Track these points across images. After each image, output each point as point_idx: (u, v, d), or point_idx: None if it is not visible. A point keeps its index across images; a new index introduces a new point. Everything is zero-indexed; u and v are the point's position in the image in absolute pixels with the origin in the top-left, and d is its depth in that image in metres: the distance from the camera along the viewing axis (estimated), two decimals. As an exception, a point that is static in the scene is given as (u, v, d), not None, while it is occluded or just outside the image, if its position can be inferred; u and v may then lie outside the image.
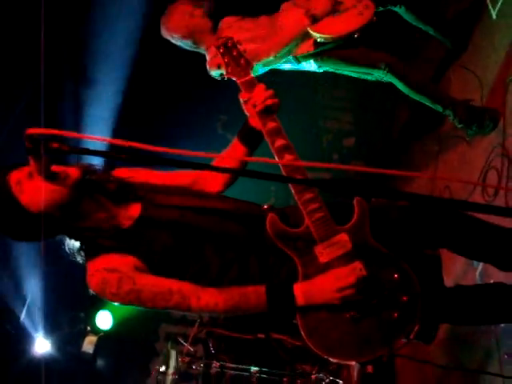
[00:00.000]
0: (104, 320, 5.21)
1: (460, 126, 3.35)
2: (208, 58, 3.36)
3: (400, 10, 3.52)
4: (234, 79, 2.13)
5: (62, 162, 1.86)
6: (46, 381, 4.41)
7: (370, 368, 3.64)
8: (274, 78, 3.22)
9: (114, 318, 5.24)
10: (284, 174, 1.96)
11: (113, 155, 1.52)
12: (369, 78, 3.45)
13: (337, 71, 3.48)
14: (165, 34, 3.42)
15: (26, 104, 4.37)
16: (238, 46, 2.16)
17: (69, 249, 2.02)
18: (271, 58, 3.28)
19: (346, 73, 3.48)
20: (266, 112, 2.04)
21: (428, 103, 3.39)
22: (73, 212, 1.89)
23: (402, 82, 3.34)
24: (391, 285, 1.88)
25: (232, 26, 3.40)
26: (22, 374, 4.89)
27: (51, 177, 1.80)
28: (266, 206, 2.01)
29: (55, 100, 4.50)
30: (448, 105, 3.34)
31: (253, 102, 2.05)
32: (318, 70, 3.49)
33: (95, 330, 5.21)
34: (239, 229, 2.02)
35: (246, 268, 1.98)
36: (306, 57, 3.36)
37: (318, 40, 3.27)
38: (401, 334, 1.86)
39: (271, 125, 2.03)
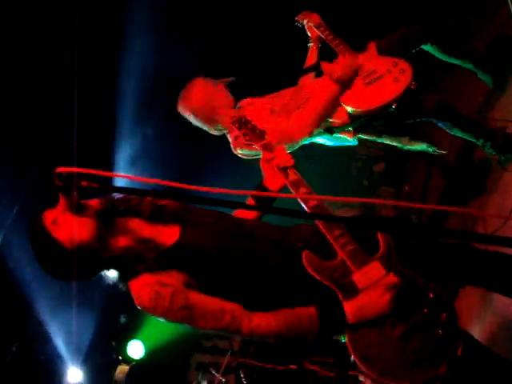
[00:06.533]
0: (136, 349, 5.21)
1: (494, 153, 3.28)
2: (231, 138, 3.16)
3: (431, 48, 3.28)
4: (253, 145, 2.36)
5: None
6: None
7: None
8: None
9: (145, 347, 5.24)
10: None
11: (140, 192, 1.53)
12: (415, 148, 3.33)
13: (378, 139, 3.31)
14: (183, 107, 3.22)
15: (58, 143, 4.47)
16: (252, 122, 2.41)
17: (111, 280, 2.04)
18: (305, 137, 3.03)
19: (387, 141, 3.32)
20: (286, 168, 2.25)
21: (471, 138, 3.26)
22: (108, 242, 1.91)
23: (450, 122, 3.16)
24: (429, 304, 1.96)
25: (253, 103, 3.25)
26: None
27: (79, 210, 1.82)
28: (300, 245, 2.09)
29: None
30: (489, 136, 3.22)
31: (276, 162, 2.25)
32: (354, 143, 3.28)
33: (127, 360, 5.21)
34: (278, 255, 2.08)
35: (291, 291, 2.03)
36: (342, 130, 3.12)
37: (351, 113, 3.03)
38: (449, 351, 1.91)
39: (293, 177, 2.22)
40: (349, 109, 3.03)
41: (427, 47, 3.31)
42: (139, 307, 1.87)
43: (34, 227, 1.88)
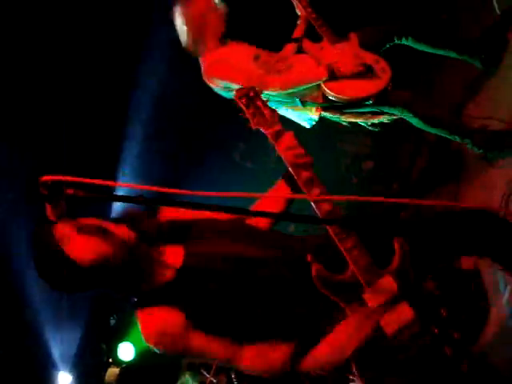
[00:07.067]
0: (126, 351, 5.18)
1: (480, 151, 3.30)
2: (204, 66, 3.33)
3: (408, 42, 3.36)
4: (261, 130, 2.07)
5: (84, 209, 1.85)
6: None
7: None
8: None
9: (135, 349, 5.20)
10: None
11: (129, 199, 1.50)
12: (380, 120, 3.37)
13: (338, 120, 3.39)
14: (179, 11, 3.32)
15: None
16: (261, 96, 2.07)
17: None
18: (276, 93, 3.16)
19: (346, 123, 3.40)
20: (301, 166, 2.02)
21: (445, 135, 3.31)
22: (118, 265, 1.86)
23: (417, 119, 3.24)
24: (440, 322, 1.89)
25: (240, 45, 3.39)
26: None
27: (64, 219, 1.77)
28: (309, 259, 1.96)
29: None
30: (465, 135, 3.27)
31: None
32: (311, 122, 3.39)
33: (117, 362, 5.18)
34: (288, 274, 2.00)
35: (297, 313, 1.97)
36: (313, 105, 3.26)
37: (329, 97, 3.16)
38: (455, 372, 1.85)
39: (305, 174, 2.01)
40: (330, 94, 3.12)
41: (405, 41, 3.36)
42: (144, 339, 1.91)
43: (37, 235, 1.85)
